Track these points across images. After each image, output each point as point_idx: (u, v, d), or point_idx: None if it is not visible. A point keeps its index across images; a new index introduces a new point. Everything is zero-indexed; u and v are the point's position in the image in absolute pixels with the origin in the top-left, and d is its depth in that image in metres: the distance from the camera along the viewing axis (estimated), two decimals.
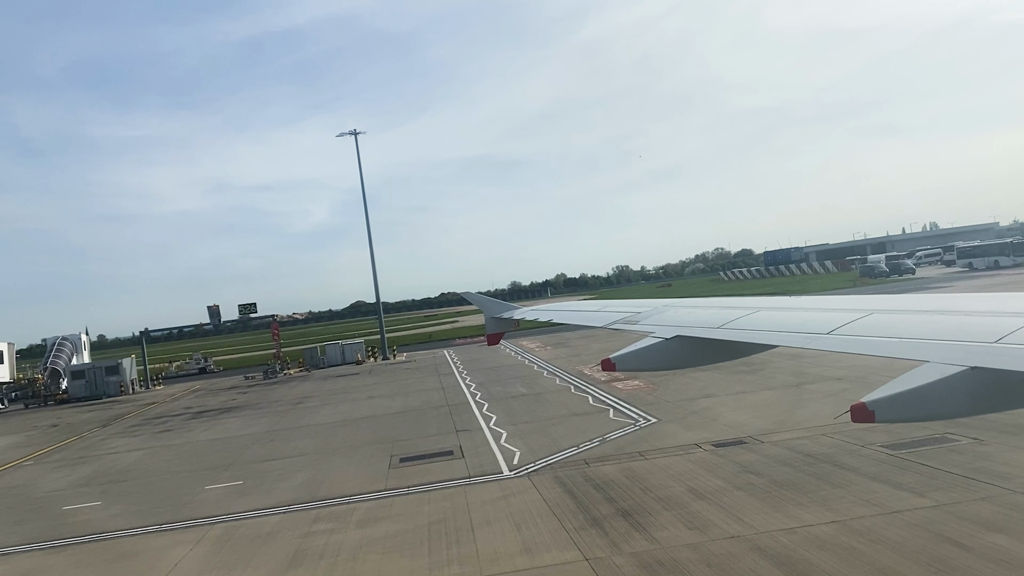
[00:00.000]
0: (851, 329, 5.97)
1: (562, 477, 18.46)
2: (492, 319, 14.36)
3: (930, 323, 5.57)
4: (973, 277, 76.66)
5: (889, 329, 5.70)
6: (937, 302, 6.26)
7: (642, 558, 12.56)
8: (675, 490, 16.25)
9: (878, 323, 5.95)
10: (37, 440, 38.23)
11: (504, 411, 29.26)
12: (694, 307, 9.51)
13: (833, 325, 6.19)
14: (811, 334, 6.26)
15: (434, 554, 14.10)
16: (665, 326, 8.27)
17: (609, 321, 10.21)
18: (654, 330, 8.20)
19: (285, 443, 28.40)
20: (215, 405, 44.65)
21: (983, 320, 5.29)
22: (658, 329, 8.16)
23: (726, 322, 7.57)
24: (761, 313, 7.67)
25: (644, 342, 7.86)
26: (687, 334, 7.66)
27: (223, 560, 15.34)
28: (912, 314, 6.14)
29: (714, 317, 8.00)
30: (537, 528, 14.83)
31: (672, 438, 21.25)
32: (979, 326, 5.14)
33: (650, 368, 8.33)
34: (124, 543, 17.52)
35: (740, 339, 7.06)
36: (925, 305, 6.28)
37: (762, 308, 7.93)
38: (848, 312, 6.50)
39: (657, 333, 7.95)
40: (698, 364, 8.27)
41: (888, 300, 6.88)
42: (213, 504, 20.18)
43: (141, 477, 25.24)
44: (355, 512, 17.73)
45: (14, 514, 22.00)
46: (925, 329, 5.40)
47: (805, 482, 15.68)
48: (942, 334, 5.13)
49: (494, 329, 14.49)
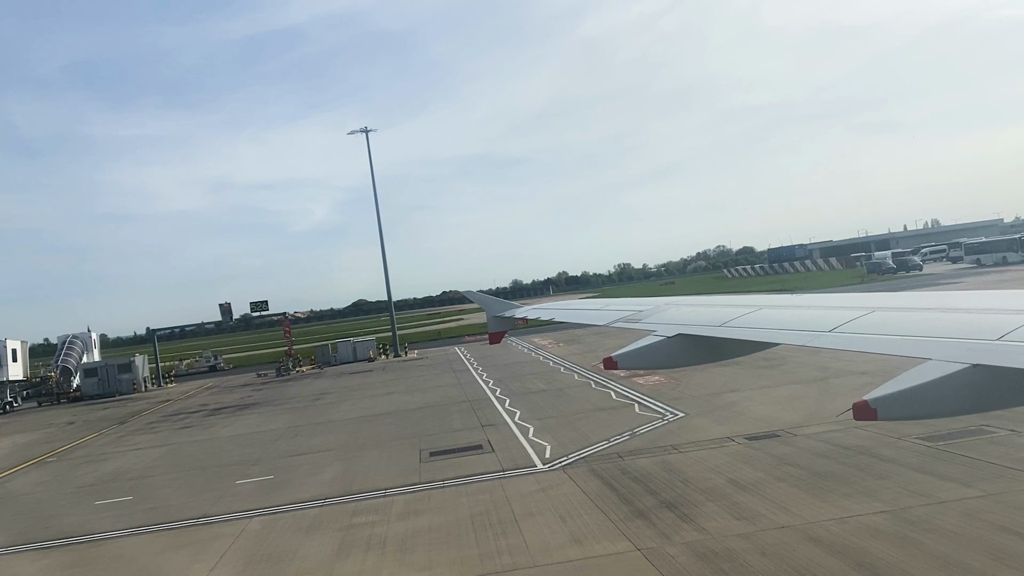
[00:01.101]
0: (853, 327, 5.98)
1: (598, 470, 18.54)
2: (494, 318, 14.42)
3: (932, 321, 5.60)
4: (982, 273, 76.65)
5: (891, 327, 5.72)
6: (939, 300, 6.30)
7: (695, 548, 12.64)
8: (716, 482, 16.33)
9: (880, 321, 5.97)
10: (57, 437, 38.33)
11: (527, 406, 29.34)
12: (695, 305, 9.54)
13: (835, 323, 6.20)
14: (813, 332, 6.28)
15: (482, 545, 14.19)
16: (667, 324, 8.32)
17: (611, 320, 10.24)
18: (656, 328, 8.25)
19: (310, 438, 28.49)
20: (232, 402, 44.75)
21: (985, 318, 5.30)
22: (660, 327, 8.21)
23: (727, 320, 7.60)
24: (763, 311, 7.70)
25: (646, 340, 7.90)
26: (689, 332, 7.69)
27: (268, 552, 15.43)
28: (914, 312, 6.16)
29: (715, 315, 8.02)
30: (582, 520, 14.91)
31: (703, 432, 21.33)
32: (981, 323, 5.14)
33: (652, 366, 8.35)
34: (164, 537, 17.61)
35: (742, 337, 7.10)
36: (927, 303, 6.33)
37: (763, 306, 7.95)
38: (850, 310, 6.50)
39: (659, 331, 8.00)
40: (700, 362, 8.30)
41: (890, 298, 6.89)
42: (247, 498, 20.26)
43: (169, 472, 25.33)
44: (394, 505, 17.82)
45: (46, 509, 22.08)
46: (927, 327, 5.43)
47: (846, 474, 15.76)
48: (944, 331, 5.16)
49: (496, 328, 14.55)
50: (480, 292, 17.06)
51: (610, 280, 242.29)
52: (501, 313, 14.34)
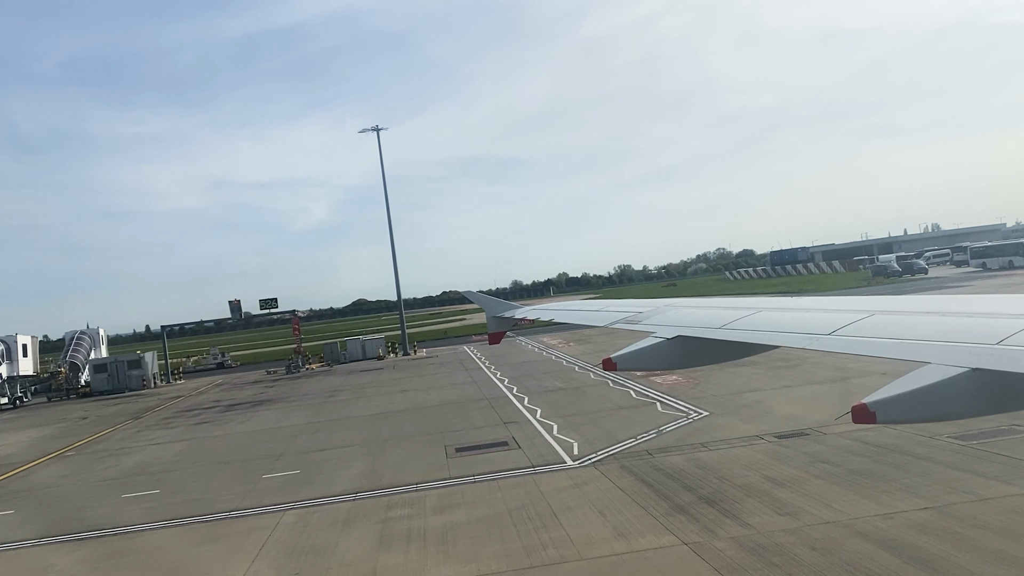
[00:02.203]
0: (853, 330, 6.00)
1: (630, 467, 18.60)
2: (493, 318, 14.41)
3: (932, 324, 5.61)
4: (988, 277, 76.83)
5: (891, 330, 5.72)
6: (939, 303, 6.28)
7: (742, 542, 12.71)
8: (752, 479, 16.40)
9: (880, 324, 5.98)
10: (72, 432, 38.36)
11: (547, 404, 29.40)
12: (695, 307, 9.53)
13: (835, 326, 6.22)
14: (813, 335, 6.30)
15: (524, 538, 14.25)
16: (666, 326, 8.32)
17: (610, 321, 10.19)
18: (655, 330, 8.23)
19: (330, 434, 28.55)
20: (244, 398, 44.78)
21: (985, 322, 5.31)
22: (659, 329, 8.20)
23: (727, 322, 7.61)
24: (763, 313, 7.72)
25: (645, 341, 7.90)
26: (688, 334, 7.70)
27: (308, 544, 15.48)
28: (914, 315, 6.19)
29: (716, 317, 8.04)
30: (622, 515, 14.98)
31: (730, 430, 21.40)
32: (981, 327, 5.16)
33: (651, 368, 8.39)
34: (198, 530, 17.66)
35: (742, 339, 7.11)
36: (927, 306, 6.32)
37: (763, 308, 7.97)
38: (850, 313, 6.52)
39: (658, 333, 7.99)
40: (700, 364, 8.36)
41: (889, 301, 6.91)
42: (276, 492, 20.32)
43: (193, 467, 25.36)
44: (427, 499, 17.88)
45: (74, 502, 22.13)
46: (927, 330, 5.44)
47: (883, 471, 15.83)
48: (944, 335, 5.16)
49: (495, 328, 14.54)
50: (480, 292, 17.08)
51: (610, 281, 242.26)
52: (501, 313, 14.32)
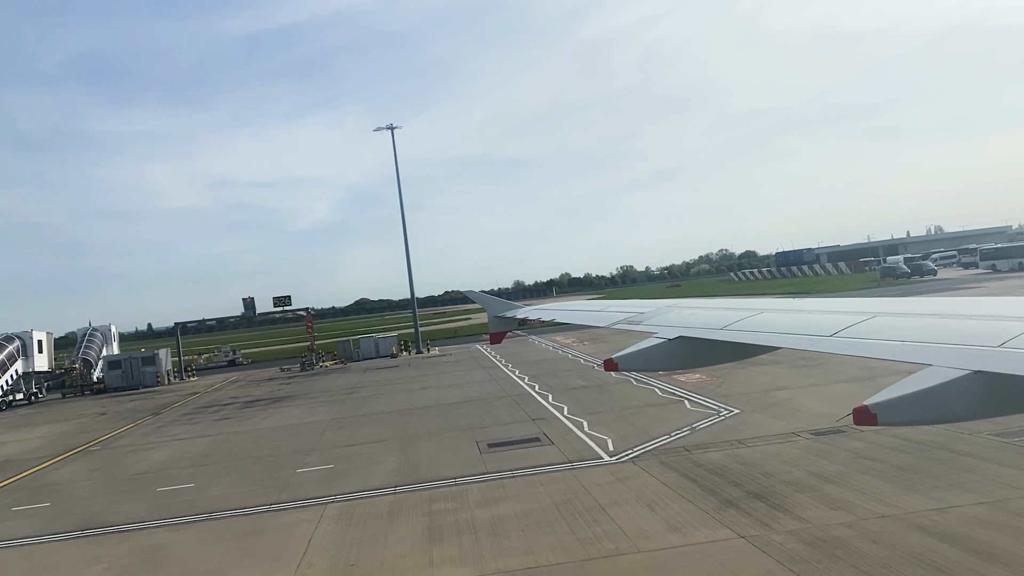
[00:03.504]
0: (854, 332, 6.02)
1: (669, 463, 18.67)
2: (495, 318, 14.48)
3: (933, 326, 5.63)
4: (999, 278, 76.83)
5: (892, 332, 5.74)
6: (940, 306, 6.32)
7: (800, 536, 12.79)
8: (796, 474, 16.47)
9: (881, 326, 6.00)
10: (92, 428, 38.46)
11: (572, 401, 29.47)
12: (697, 308, 9.55)
13: (836, 327, 6.23)
14: (814, 336, 6.33)
15: (577, 531, 14.32)
16: (668, 327, 8.34)
17: (612, 321, 10.25)
18: (657, 330, 8.25)
19: (357, 430, 28.63)
20: (262, 395, 44.88)
21: (987, 324, 5.31)
22: (661, 330, 8.23)
23: (729, 323, 7.64)
24: (764, 315, 7.74)
25: (647, 342, 7.93)
26: (690, 335, 7.73)
27: (357, 536, 15.57)
28: (915, 317, 6.17)
29: (717, 318, 8.08)
30: (671, 509, 15.05)
31: (765, 427, 21.46)
32: (982, 330, 5.16)
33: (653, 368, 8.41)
34: (242, 522, 17.74)
35: (743, 340, 7.14)
36: (928, 308, 6.34)
37: (765, 310, 7.99)
38: (851, 315, 6.53)
39: (660, 334, 8.01)
40: (701, 365, 8.41)
41: (891, 303, 6.94)
42: (314, 485, 20.40)
43: (224, 461, 25.45)
44: (468, 493, 17.96)
45: (111, 494, 22.22)
46: (928, 332, 5.45)
47: (928, 467, 15.89)
48: (945, 337, 5.17)
49: (497, 328, 14.62)
50: (482, 292, 17.13)
51: (613, 282, 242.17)
52: (503, 313, 14.37)
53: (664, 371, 28.39)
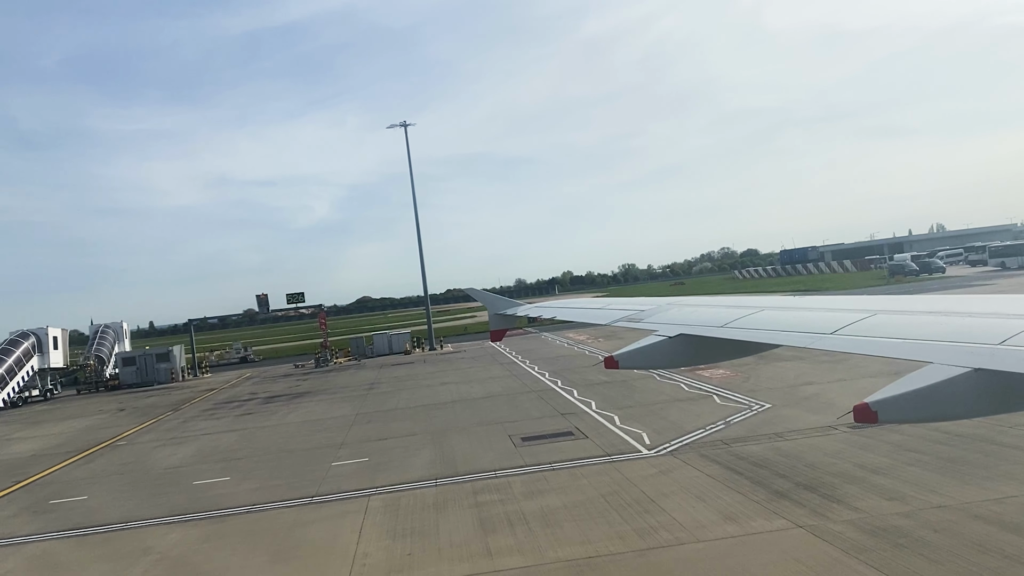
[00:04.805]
0: (855, 329, 6.04)
1: (710, 456, 18.76)
2: (496, 315, 14.52)
3: (934, 324, 5.63)
4: (1009, 276, 76.84)
5: (893, 330, 5.76)
6: (941, 303, 6.31)
7: (859, 525, 12.88)
8: (842, 466, 16.57)
9: (882, 324, 6.01)
10: (114, 423, 38.58)
11: (599, 396, 29.56)
12: (697, 305, 9.59)
13: (837, 325, 6.26)
14: (815, 334, 6.36)
15: (630, 521, 14.42)
16: (668, 324, 8.37)
17: (613, 319, 10.29)
18: (657, 328, 8.29)
19: (385, 425, 28.72)
20: (281, 391, 44.98)
21: (987, 322, 5.32)
22: (661, 327, 8.26)
23: (729, 321, 7.65)
24: (765, 312, 7.75)
25: (647, 340, 7.96)
26: (690, 332, 7.76)
27: (407, 527, 15.67)
28: (916, 315, 6.19)
29: (717, 316, 8.09)
30: (722, 500, 15.15)
31: (800, 421, 21.55)
32: (983, 328, 5.17)
33: (653, 366, 8.44)
34: (287, 513, 17.83)
35: (744, 338, 7.17)
36: (929, 306, 6.34)
37: (766, 307, 7.99)
38: (852, 312, 6.55)
39: (660, 331, 8.06)
40: (701, 363, 8.48)
41: (892, 301, 6.93)
42: (352, 478, 20.50)
43: (255, 455, 25.54)
44: (512, 485, 18.05)
45: (146, 488, 22.33)
46: (929, 330, 5.45)
47: (975, 459, 15.98)
48: (946, 335, 5.17)
49: (497, 326, 14.65)
50: (483, 290, 17.19)
51: (615, 280, 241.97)
52: (503, 311, 14.41)
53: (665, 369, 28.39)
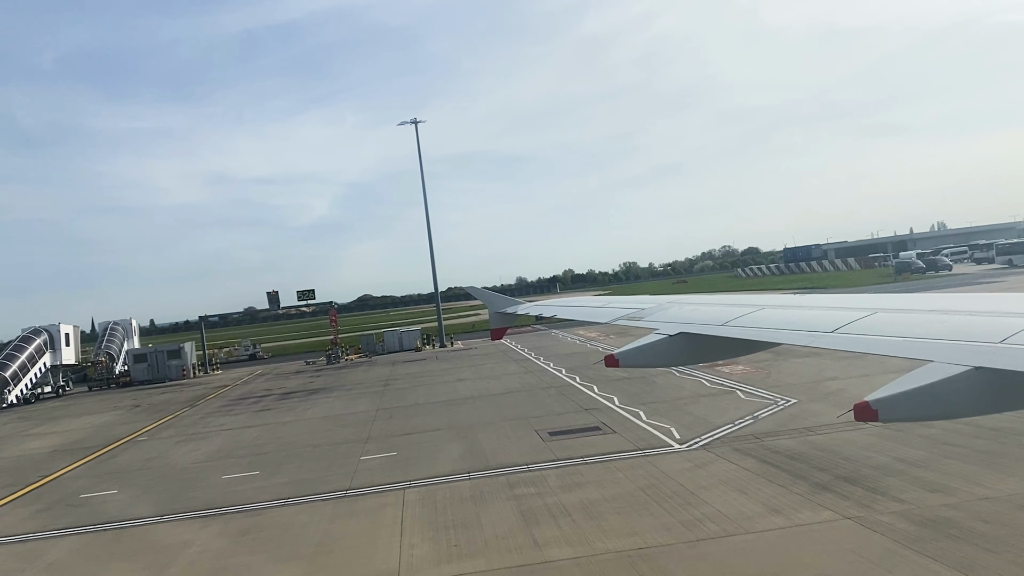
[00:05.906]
0: (855, 328, 6.06)
1: (744, 450, 18.82)
2: (496, 314, 14.57)
3: (934, 322, 5.62)
4: (1017, 273, 76.93)
5: (893, 328, 5.78)
6: (941, 302, 6.31)
7: (907, 517, 12.94)
8: (880, 459, 16.62)
9: (882, 322, 6.03)
10: (131, 419, 38.63)
11: (620, 392, 29.62)
12: (698, 304, 9.55)
13: (837, 323, 6.27)
14: (815, 332, 6.37)
15: (674, 514, 14.48)
16: (669, 323, 8.39)
17: (613, 317, 10.31)
18: (658, 327, 8.30)
19: (407, 420, 28.77)
20: (296, 387, 45.04)
21: (988, 320, 5.32)
22: (662, 326, 8.28)
23: (730, 319, 7.67)
24: (765, 311, 7.76)
25: (648, 338, 7.95)
26: (690, 331, 7.78)
27: (448, 519, 15.73)
28: (916, 313, 6.19)
29: (718, 314, 8.10)
30: (764, 492, 15.21)
31: (828, 415, 21.56)
32: (984, 326, 5.17)
33: (653, 364, 8.38)
34: (323, 507, 17.88)
35: (744, 336, 7.20)
36: (930, 304, 6.34)
37: (766, 306, 8.01)
38: (852, 311, 6.56)
39: (661, 330, 8.08)
40: (701, 361, 8.51)
41: (892, 299, 6.96)
42: (383, 472, 20.56)
43: (281, 450, 25.58)
44: (547, 478, 18.12)
45: (175, 481, 22.37)
46: (929, 328, 5.44)
47: (1014, 452, 16.04)
48: (946, 334, 5.17)
49: (498, 324, 14.71)
50: (483, 288, 17.25)
51: (616, 278, 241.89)
52: (503, 309, 14.45)
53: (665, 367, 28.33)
